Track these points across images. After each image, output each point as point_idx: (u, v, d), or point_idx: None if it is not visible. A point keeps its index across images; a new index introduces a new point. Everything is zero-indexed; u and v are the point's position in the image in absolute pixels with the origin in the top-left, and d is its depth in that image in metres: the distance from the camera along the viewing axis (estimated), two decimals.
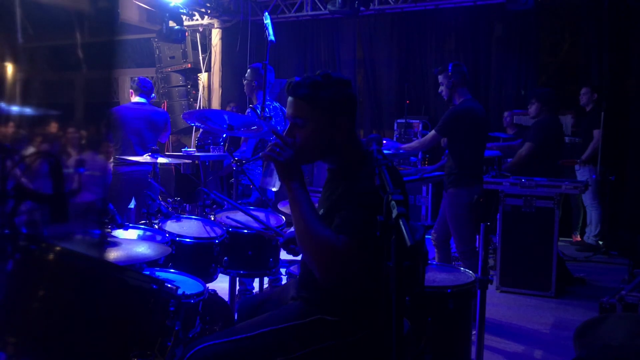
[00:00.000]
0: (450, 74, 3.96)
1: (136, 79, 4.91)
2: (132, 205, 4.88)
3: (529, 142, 4.95)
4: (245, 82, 4.35)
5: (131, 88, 4.88)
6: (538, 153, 4.93)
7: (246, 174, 3.45)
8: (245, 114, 4.16)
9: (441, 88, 4.05)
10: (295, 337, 1.75)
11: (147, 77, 7.60)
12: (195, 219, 3.31)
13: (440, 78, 4.03)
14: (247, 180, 4.05)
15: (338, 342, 1.74)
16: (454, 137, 4.01)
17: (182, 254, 2.86)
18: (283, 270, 3.16)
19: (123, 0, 7.03)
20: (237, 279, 3.45)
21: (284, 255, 2.77)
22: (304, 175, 1.82)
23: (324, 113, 1.80)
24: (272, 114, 4.15)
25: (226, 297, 3.08)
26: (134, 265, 2.24)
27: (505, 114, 6.93)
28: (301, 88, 1.81)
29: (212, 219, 3.27)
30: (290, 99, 1.83)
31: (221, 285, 3.17)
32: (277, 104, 4.34)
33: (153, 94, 5.21)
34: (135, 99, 4.80)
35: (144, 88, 4.82)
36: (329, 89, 1.80)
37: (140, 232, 2.94)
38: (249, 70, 4.30)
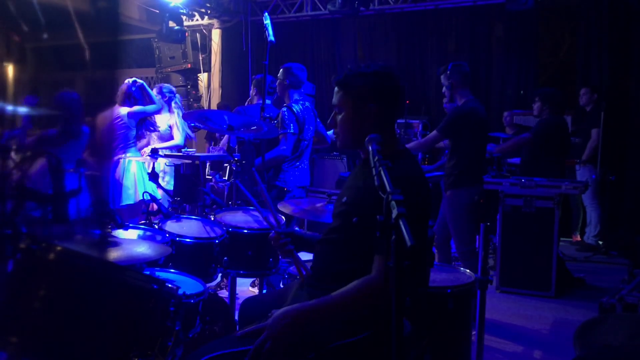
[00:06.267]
0: (449, 74, 3.95)
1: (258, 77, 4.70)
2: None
3: (528, 134, 4.94)
4: (277, 82, 4.30)
5: (255, 86, 4.64)
6: (539, 151, 4.92)
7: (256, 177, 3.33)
8: (280, 113, 4.05)
9: (444, 88, 4.04)
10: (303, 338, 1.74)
11: (147, 77, 7.58)
12: (195, 219, 3.31)
13: (442, 79, 4.02)
14: (281, 182, 4.01)
15: (343, 342, 1.74)
16: (456, 138, 4.00)
17: (182, 254, 2.85)
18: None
19: (123, 0, 7.02)
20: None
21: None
22: None
23: (354, 100, 1.90)
24: (304, 113, 4.04)
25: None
26: (135, 265, 2.24)
27: (505, 113, 6.94)
28: (340, 77, 1.94)
29: (212, 219, 3.27)
30: (335, 88, 1.97)
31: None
32: (308, 104, 4.21)
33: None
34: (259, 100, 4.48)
35: (269, 89, 4.47)
36: (362, 78, 1.90)
37: (140, 232, 2.94)
38: (281, 69, 4.20)
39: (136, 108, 4.88)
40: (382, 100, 1.91)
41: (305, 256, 2.18)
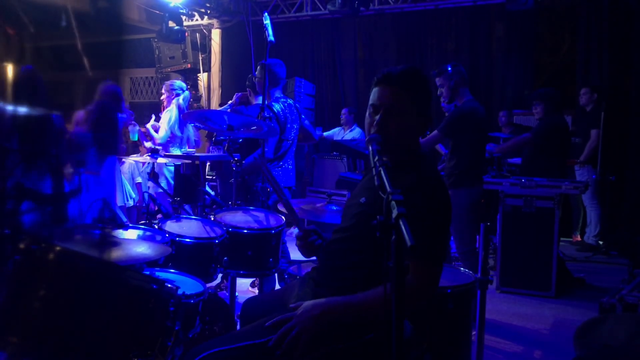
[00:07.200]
0: (450, 74, 3.94)
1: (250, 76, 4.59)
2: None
3: (529, 134, 4.95)
4: (255, 80, 4.24)
5: (248, 87, 4.58)
6: (539, 151, 4.92)
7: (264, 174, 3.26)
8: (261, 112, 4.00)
9: (440, 90, 4.03)
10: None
11: (147, 77, 7.53)
12: (195, 219, 3.31)
13: (439, 80, 4.00)
14: (266, 182, 3.97)
15: (346, 343, 1.73)
16: (457, 138, 4.00)
17: (182, 254, 2.85)
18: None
19: (123, 1, 7.03)
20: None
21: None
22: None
23: (410, 100, 1.88)
24: (287, 112, 3.98)
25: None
26: (134, 265, 2.23)
27: (501, 113, 6.94)
28: (402, 76, 1.87)
29: (212, 219, 3.27)
30: (385, 87, 1.88)
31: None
32: (291, 101, 4.14)
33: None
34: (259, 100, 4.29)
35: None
36: (422, 82, 1.91)
37: (140, 232, 2.94)
38: (258, 67, 4.10)
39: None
40: (428, 105, 1.94)
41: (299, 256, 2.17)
